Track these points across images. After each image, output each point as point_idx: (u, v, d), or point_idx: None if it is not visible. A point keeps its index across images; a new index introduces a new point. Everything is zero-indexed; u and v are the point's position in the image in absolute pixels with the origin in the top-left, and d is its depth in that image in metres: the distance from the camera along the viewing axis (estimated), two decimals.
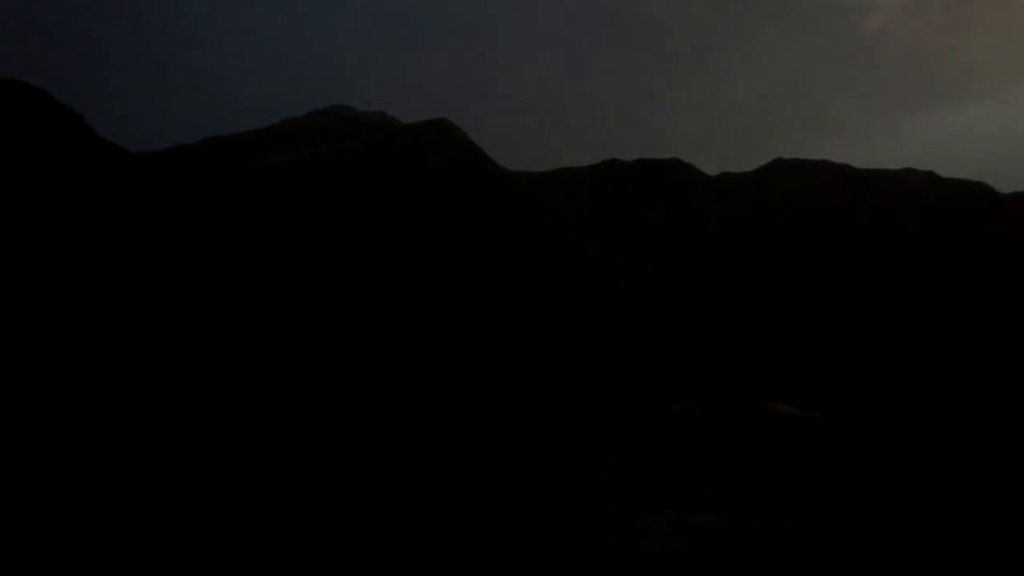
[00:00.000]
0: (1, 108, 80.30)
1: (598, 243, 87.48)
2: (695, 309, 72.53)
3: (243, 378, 34.49)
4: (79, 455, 19.81)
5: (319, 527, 15.63)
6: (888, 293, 77.73)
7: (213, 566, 13.63)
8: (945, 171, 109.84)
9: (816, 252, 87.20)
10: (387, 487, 18.66)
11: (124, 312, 48.12)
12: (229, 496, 17.31)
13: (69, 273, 54.17)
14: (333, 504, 17.07)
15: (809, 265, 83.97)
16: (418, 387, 35.75)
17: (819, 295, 76.97)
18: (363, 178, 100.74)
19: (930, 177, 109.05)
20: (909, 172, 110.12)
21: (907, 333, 67.82)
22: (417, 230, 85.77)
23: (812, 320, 70.94)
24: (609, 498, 18.28)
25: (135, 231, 67.66)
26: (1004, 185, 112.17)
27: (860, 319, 71.45)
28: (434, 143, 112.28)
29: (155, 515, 15.70)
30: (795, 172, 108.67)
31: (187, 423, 24.46)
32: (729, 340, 64.61)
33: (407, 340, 52.90)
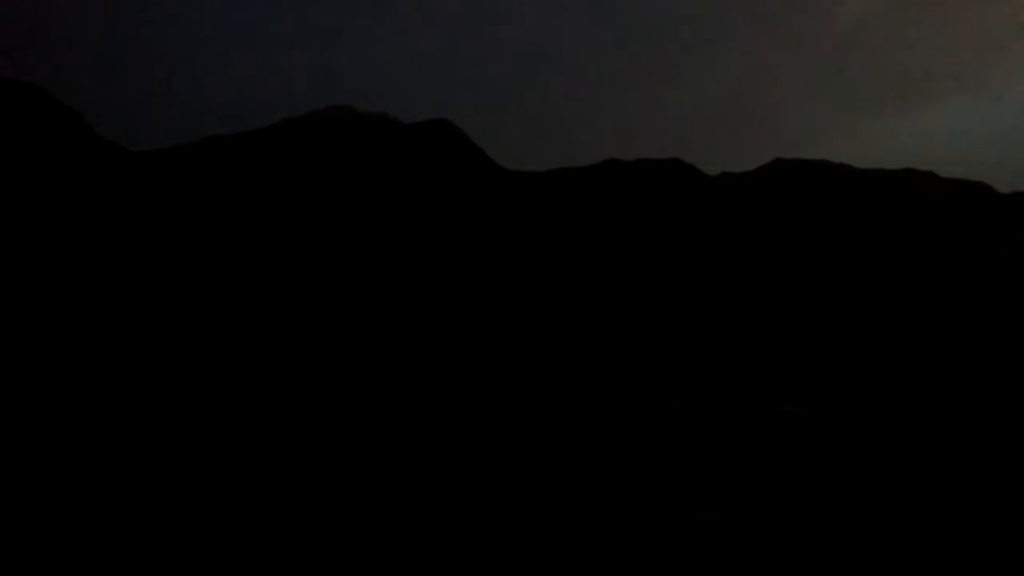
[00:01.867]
0: (1, 108, 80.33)
1: (598, 243, 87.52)
2: (696, 308, 72.56)
3: (244, 376, 34.52)
4: (79, 455, 19.83)
5: (319, 527, 15.65)
6: (888, 293, 77.76)
7: (213, 566, 13.66)
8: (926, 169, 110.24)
9: (816, 252, 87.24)
10: (387, 487, 18.68)
11: (125, 310, 48.16)
12: (229, 496, 17.34)
13: (70, 271, 54.21)
14: (333, 504, 17.09)
15: (808, 265, 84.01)
16: (417, 386, 35.77)
17: (819, 294, 77.00)
18: (363, 178, 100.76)
19: (930, 177, 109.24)
20: (909, 172, 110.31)
21: (907, 332, 67.85)
22: (417, 229, 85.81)
23: (812, 319, 70.97)
24: (610, 497, 18.32)
25: (136, 229, 67.69)
26: (999, 184, 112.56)
27: (860, 318, 71.47)
28: (434, 143, 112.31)
29: (155, 515, 15.73)
30: (795, 172, 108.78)
31: (188, 422, 24.48)
32: (730, 339, 64.64)
33: (407, 338, 52.93)
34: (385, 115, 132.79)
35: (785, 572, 14.19)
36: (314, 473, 19.66)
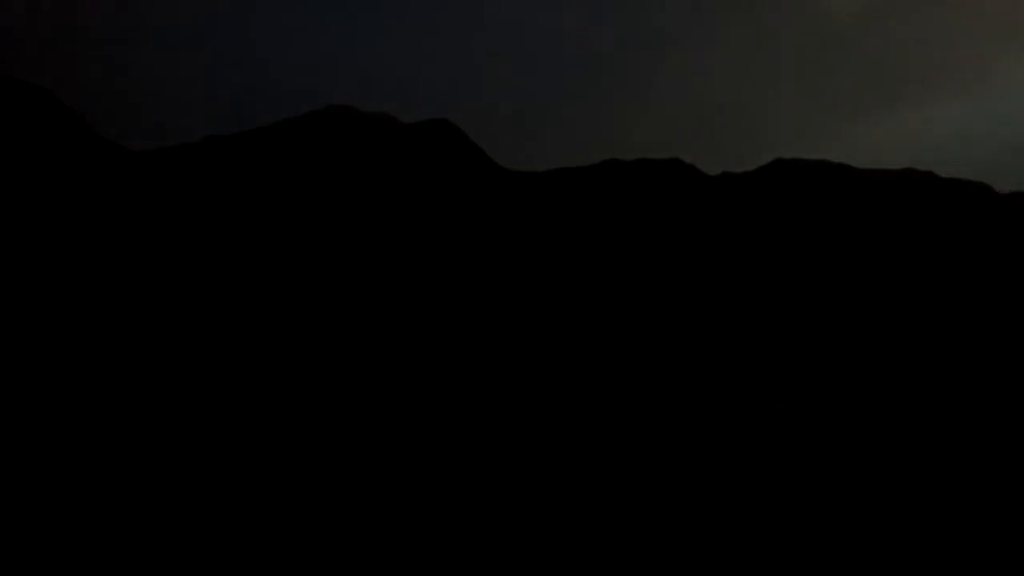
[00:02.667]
0: (2, 107, 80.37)
1: (598, 243, 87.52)
2: (696, 308, 72.59)
3: (243, 375, 34.56)
4: (79, 455, 19.87)
5: (319, 527, 15.69)
6: (888, 293, 77.76)
7: (213, 566, 13.69)
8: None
9: (816, 252, 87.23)
10: (387, 487, 18.72)
11: (125, 309, 48.19)
12: (229, 496, 17.37)
13: (71, 270, 54.24)
14: (333, 504, 17.13)
15: (808, 264, 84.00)
16: (417, 385, 35.81)
17: (819, 294, 77.00)
18: (363, 178, 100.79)
19: (930, 177, 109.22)
20: (909, 172, 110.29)
21: (907, 332, 67.87)
22: (417, 229, 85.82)
23: (812, 319, 70.99)
24: (610, 498, 18.35)
25: (136, 229, 67.71)
26: (999, 184, 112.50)
27: (860, 318, 71.48)
28: (434, 143, 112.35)
29: (155, 515, 15.77)
30: (795, 172, 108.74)
31: (188, 422, 24.52)
32: (730, 338, 64.67)
33: (407, 337, 52.98)
34: (385, 115, 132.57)
35: (783, 572, 14.23)
36: (314, 473, 19.69)
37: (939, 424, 34.63)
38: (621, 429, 26.85)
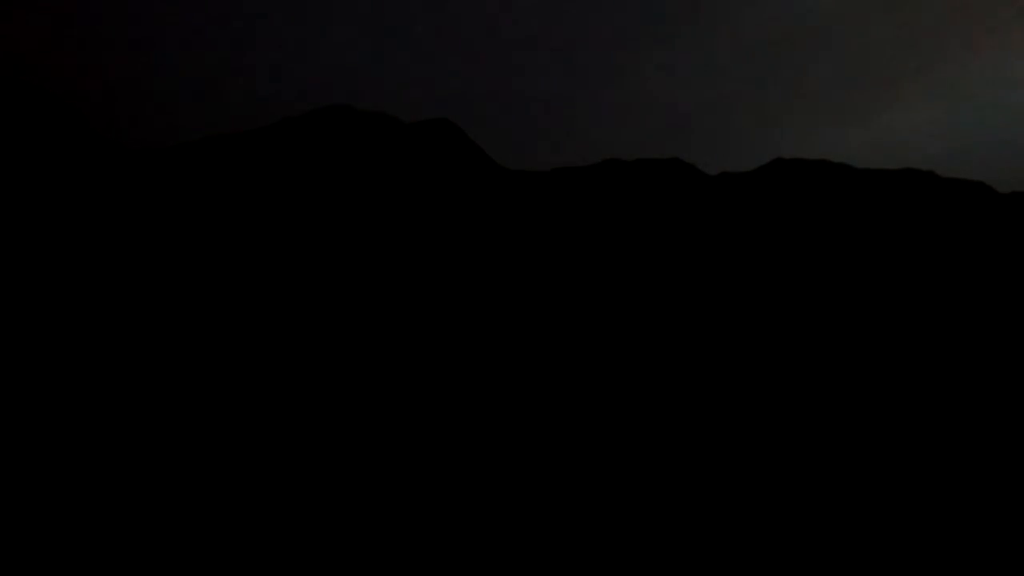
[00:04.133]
0: (4, 107, 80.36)
1: (598, 243, 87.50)
2: (695, 308, 72.60)
3: (244, 376, 34.54)
4: (79, 455, 19.86)
5: (319, 527, 15.68)
6: (888, 293, 77.75)
7: (213, 566, 13.68)
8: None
9: (816, 252, 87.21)
10: (387, 487, 18.71)
11: (125, 310, 48.20)
12: (229, 496, 17.36)
13: (70, 270, 54.23)
14: (333, 504, 17.12)
15: (808, 264, 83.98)
16: (417, 386, 35.80)
17: (819, 295, 77.00)
18: (363, 177, 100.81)
19: (930, 177, 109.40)
20: (909, 172, 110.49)
21: (907, 333, 67.88)
22: (417, 230, 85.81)
23: (812, 319, 70.98)
24: (609, 498, 18.35)
25: (136, 228, 67.69)
26: (999, 184, 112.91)
27: (860, 318, 71.49)
28: (434, 143, 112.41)
29: (155, 515, 15.76)
30: (795, 172, 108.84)
31: (188, 422, 24.50)
32: (729, 338, 64.68)
33: (406, 338, 52.98)
34: (385, 114, 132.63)
35: (785, 571, 14.22)
36: (314, 473, 19.68)
37: (939, 424, 34.64)
38: (621, 429, 26.85)
